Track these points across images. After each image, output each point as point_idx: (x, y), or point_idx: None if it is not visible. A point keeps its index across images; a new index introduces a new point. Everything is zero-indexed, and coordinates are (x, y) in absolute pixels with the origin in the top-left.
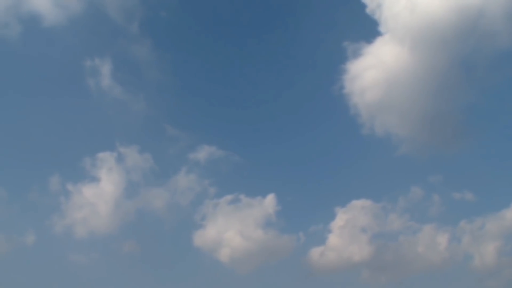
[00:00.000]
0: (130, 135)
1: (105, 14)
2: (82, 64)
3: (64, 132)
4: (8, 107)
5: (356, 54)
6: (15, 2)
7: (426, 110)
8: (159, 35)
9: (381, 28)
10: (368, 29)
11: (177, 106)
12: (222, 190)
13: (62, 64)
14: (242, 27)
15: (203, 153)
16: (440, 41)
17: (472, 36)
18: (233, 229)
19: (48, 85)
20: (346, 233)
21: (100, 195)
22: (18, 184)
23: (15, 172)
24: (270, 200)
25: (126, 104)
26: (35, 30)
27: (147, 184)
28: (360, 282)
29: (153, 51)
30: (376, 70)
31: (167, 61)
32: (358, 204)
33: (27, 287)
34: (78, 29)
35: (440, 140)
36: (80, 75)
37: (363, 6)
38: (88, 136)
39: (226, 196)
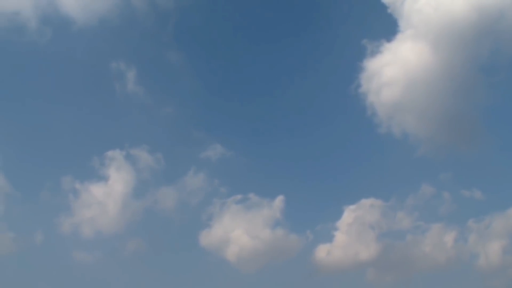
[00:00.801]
0: (140, 134)
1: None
2: (107, 66)
3: (77, 132)
4: (30, 107)
5: (375, 52)
6: (45, 4)
7: (444, 110)
8: (187, 40)
9: (402, 26)
10: (388, 27)
11: (190, 106)
12: (231, 189)
13: (87, 66)
14: (263, 28)
15: (214, 152)
16: (461, 40)
17: (492, 37)
18: (241, 228)
19: (70, 86)
20: (354, 232)
21: (108, 194)
22: (30, 182)
23: (28, 170)
24: (278, 200)
25: (140, 104)
26: (64, 31)
27: (156, 183)
28: (367, 281)
29: (176, 54)
30: (395, 68)
31: (188, 63)
32: (366, 202)
33: (36, 286)
34: (108, 32)
35: (456, 140)
36: (103, 77)
37: (384, 3)
38: (99, 135)
39: (235, 195)
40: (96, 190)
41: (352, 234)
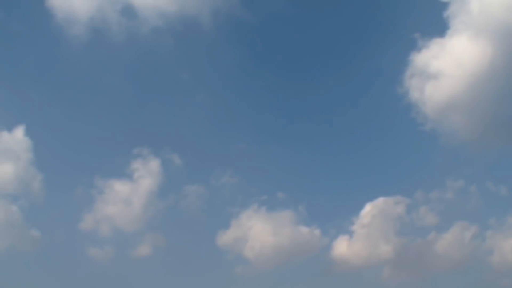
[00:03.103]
0: (167, 132)
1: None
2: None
3: (105, 131)
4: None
5: (426, 47)
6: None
7: (494, 110)
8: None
9: (455, 22)
10: (443, 21)
11: (219, 105)
12: (253, 189)
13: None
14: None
15: (240, 151)
16: None
17: None
18: (262, 227)
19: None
20: (375, 229)
21: (133, 192)
22: (61, 179)
23: (61, 167)
24: (302, 197)
25: (167, 103)
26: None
27: (181, 182)
28: (384, 279)
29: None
30: (447, 64)
31: (223, 62)
32: (389, 199)
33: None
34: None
35: (502, 142)
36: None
37: None
38: (127, 134)
39: (256, 195)
40: (121, 188)
41: (373, 230)
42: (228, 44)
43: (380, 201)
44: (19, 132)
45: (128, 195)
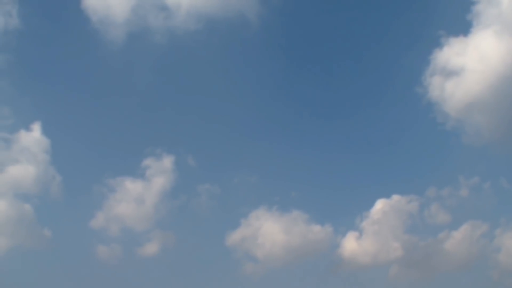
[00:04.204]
0: (183, 133)
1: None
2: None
3: (118, 131)
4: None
5: (448, 45)
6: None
7: (508, 107)
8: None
9: (481, 19)
10: (467, 19)
11: (232, 106)
12: (267, 188)
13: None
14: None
15: (251, 151)
16: None
17: None
18: (272, 226)
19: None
20: (385, 227)
21: (145, 192)
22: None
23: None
24: (312, 196)
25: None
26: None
27: (193, 182)
28: (391, 278)
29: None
30: (468, 62)
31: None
32: (400, 197)
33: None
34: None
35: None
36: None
37: None
38: (142, 133)
39: (269, 194)
40: (135, 186)
41: (383, 228)
42: (256, 46)
43: (392, 198)
44: (36, 130)
45: (141, 194)
